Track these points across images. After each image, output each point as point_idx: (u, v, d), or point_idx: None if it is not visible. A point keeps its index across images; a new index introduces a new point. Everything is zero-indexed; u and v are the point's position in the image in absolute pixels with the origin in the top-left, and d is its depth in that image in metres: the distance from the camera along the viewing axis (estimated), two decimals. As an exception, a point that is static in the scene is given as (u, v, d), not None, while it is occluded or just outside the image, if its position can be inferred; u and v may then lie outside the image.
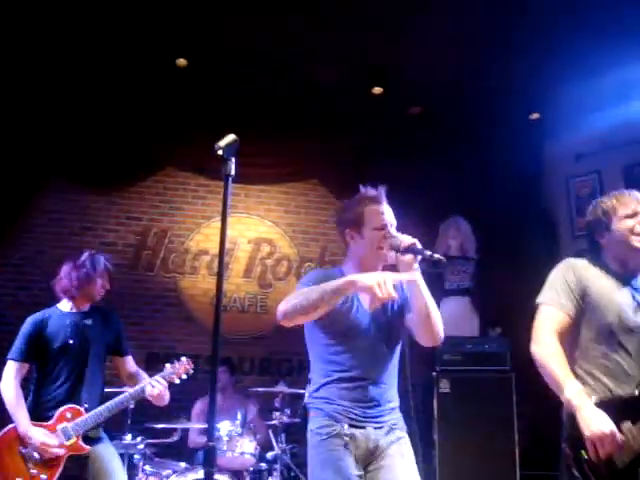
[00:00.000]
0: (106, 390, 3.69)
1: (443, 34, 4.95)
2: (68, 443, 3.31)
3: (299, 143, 6.31)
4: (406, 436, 2.59)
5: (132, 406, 4.36)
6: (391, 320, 2.59)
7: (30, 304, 5.87)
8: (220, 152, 1.94)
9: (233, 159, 1.95)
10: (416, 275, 2.41)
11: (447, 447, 5.22)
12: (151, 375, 3.55)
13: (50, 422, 3.33)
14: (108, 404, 3.41)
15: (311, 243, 6.71)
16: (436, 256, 2.33)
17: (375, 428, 2.50)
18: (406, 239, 2.41)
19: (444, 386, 5.37)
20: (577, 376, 2.32)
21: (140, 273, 6.29)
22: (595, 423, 2.11)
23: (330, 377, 2.53)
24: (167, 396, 3.45)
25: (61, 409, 3.35)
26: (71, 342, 3.45)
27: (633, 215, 2.41)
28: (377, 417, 2.52)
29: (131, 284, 6.19)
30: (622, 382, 2.26)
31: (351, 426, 2.45)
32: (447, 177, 6.27)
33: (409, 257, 2.37)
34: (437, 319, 2.50)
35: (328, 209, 6.74)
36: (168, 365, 3.54)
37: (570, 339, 2.41)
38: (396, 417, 2.60)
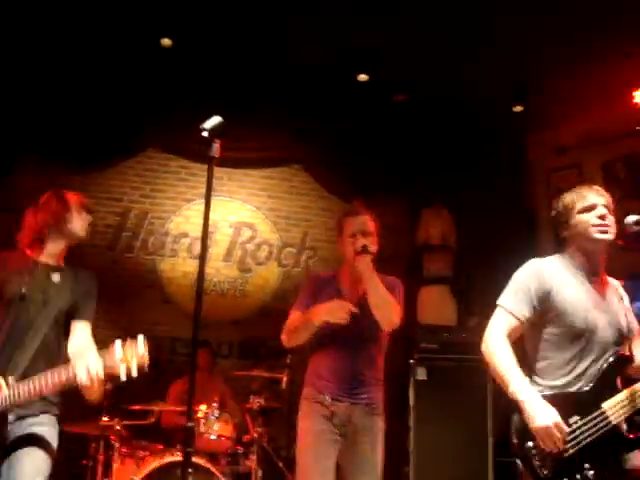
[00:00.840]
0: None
1: (429, 23, 4.93)
2: None
3: (284, 128, 6.29)
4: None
5: (109, 387, 4.38)
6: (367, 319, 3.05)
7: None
8: (205, 134, 1.92)
9: (218, 141, 1.93)
10: (366, 273, 2.98)
11: (422, 433, 5.29)
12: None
13: None
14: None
15: (293, 228, 6.70)
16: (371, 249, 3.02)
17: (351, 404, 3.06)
18: (358, 243, 3.00)
19: (421, 373, 5.43)
20: (534, 376, 2.39)
21: (119, 255, 6.24)
22: (539, 415, 2.17)
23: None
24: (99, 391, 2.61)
25: None
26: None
27: (591, 208, 2.43)
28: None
29: (110, 265, 6.16)
30: (579, 381, 2.30)
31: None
32: (430, 165, 6.29)
33: (360, 258, 2.99)
34: (384, 305, 2.99)
35: (311, 195, 6.73)
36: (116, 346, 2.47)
37: (530, 343, 2.46)
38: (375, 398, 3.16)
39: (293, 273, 6.59)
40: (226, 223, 6.52)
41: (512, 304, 2.43)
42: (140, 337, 2.44)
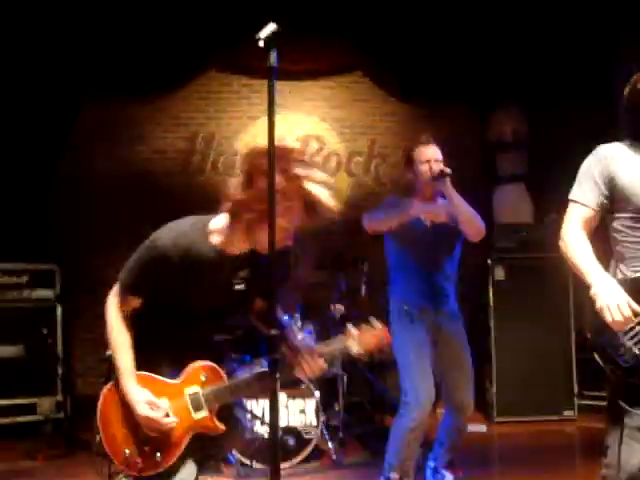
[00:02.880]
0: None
1: None
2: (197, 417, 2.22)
3: (342, 34, 6.09)
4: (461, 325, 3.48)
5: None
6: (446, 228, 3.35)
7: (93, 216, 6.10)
8: (261, 43, 1.85)
9: (276, 50, 1.86)
10: (449, 192, 3.24)
11: (503, 333, 5.31)
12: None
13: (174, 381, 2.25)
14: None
15: (359, 137, 6.62)
16: (448, 171, 3.24)
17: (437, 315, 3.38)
18: (435, 169, 3.26)
19: (499, 274, 5.39)
20: (619, 264, 2.34)
21: (192, 178, 6.36)
22: (609, 294, 2.15)
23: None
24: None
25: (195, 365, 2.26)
26: None
27: None
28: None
29: (184, 189, 6.29)
30: None
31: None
32: (499, 61, 6.00)
33: (441, 181, 3.24)
34: (473, 220, 3.27)
35: (375, 101, 6.59)
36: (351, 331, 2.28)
37: (609, 233, 2.40)
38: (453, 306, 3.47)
39: (363, 182, 6.56)
40: (293, 137, 6.49)
41: (580, 195, 2.39)
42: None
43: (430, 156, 3.32)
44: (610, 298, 2.16)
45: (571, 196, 2.43)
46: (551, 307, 5.30)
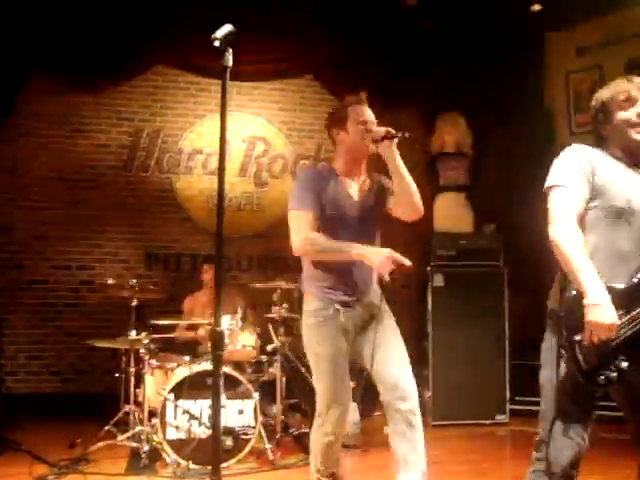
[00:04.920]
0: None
1: None
2: None
3: (293, 38, 6.12)
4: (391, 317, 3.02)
5: (135, 304, 4.52)
6: (374, 206, 2.98)
7: (28, 209, 5.94)
8: (217, 44, 1.87)
9: (230, 50, 1.88)
10: (396, 157, 2.82)
11: (440, 338, 5.43)
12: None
13: None
14: None
15: (306, 140, 6.66)
16: (407, 134, 2.78)
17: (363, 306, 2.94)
18: (381, 129, 2.83)
19: (438, 280, 5.51)
20: None
21: (135, 175, 6.27)
22: (604, 313, 2.14)
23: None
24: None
25: None
26: None
27: (628, 101, 2.35)
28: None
29: (126, 186, 6.20)
30: (620, 269, 2.28)
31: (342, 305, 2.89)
32: (444, 70, 6.13)
33: (387, 143, 2.79)
34: (416, 193, 2.88)
35: (324, 106, 6.61)
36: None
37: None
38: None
39: (308, 186, 6.58)
40: (239, 138, 6.48)
41: (569, 182, 2.29)
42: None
43: (367, 117, 2.94)
44: (604, 317, 2.14)
45: (555, 182, 2.32)
46: (487, 314, 5.44)
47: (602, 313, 2.14)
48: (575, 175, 2.30)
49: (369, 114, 2.97)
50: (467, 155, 6.40)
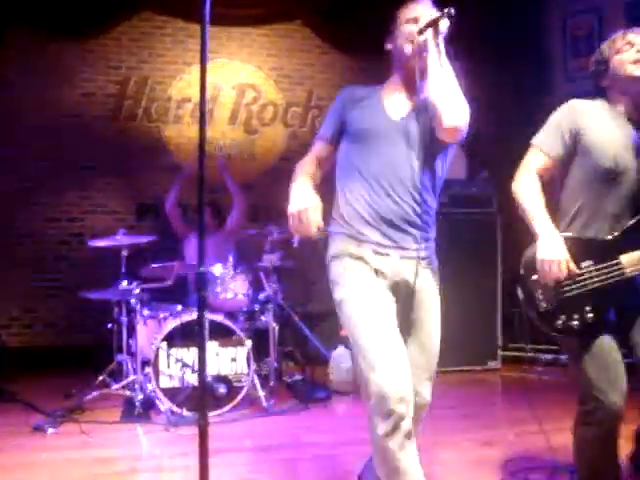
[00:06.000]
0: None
1: None
2: None
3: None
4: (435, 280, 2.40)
5: (125, 253, 4.49)
6: (423, 129, 2.22)
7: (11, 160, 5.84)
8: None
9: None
10: (437, 50, 2.17)
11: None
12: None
13: None
14: None
15: (297, 87, 6.54)
16: (452, 10, 2.13)
17: (401, 257, 2.22)
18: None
19: (431, 228, 5.48)
20: (565, 218, 2.36)
21: (123, 124, 6.16)
22: (550, 249, 2.24)
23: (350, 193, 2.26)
24: None
25: None
26: None
27: (629, 44, 2.30)
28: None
29: (115, 135, 6.10)
30: (601, 224, 2.28)
31: (375, 253, 2.20)
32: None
33: (432, 33, 2.15)
34: (452, 104, 2.16)
35: (314, 52, 6.50)
36: None
37: (562, 185, 2.40)
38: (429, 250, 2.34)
39: (300, 133, 6.51)
40: (228, 85, 6.35)
41: (543, 141, 2.39)
42: None
43: (420, 13, 2.23)
44: (551, 253, 2.24)
45: (535, 141, 2.42)
46: (480, 262, 5.44)
47: (549, 250, 2.25)
48: (551, 136, 2.38)
49: (423, 10, 2.23)
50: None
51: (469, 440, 3.58)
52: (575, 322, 2.24)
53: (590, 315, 2.22)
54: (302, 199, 2.04)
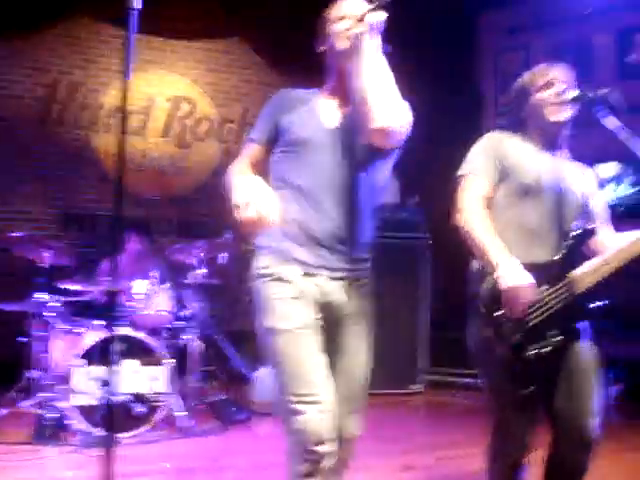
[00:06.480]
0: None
1: None
2: None
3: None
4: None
5: (46, 265, 4.30)
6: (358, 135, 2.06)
7: None
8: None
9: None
10: (368, 44, 1.96)
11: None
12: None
13: None
14: None
15: (233, 104, 6.50)
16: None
17: (331, 278, 2.06)
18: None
19: (360, 251, 5.51)
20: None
21: (50, 128, 5.95)
22: (514, 275, 2.16)
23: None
24: None
25: None
26: None
27: (548, 85, 2.38)
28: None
29: (42, 139, 5.88)
30: (533, 245, 2.32)
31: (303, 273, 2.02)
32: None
33: (364, 27, 1.95)
34: (383, 102, 1.96)
35: (252, 69, 6.48)
36: None
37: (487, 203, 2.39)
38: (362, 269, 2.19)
39: (234, 150, 6.45)
40: (163, 97, 6.25)
41: (477, 168, 2.35)
42: None
43: (348, 11, 2.06)
44: (516, 280, 2.14)
45: (466, 170, 2.38)
46: (409, 286, 5.50)
47: (513, 277, 2.15)
48: (483, 162, 2.36)
49: (352, 5, 2.05)
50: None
51: (386, 465, 3.54)
52: (545, 348, 2.21)
53: (559, 338, 2.21)
54: (251, 188, 1.79)
